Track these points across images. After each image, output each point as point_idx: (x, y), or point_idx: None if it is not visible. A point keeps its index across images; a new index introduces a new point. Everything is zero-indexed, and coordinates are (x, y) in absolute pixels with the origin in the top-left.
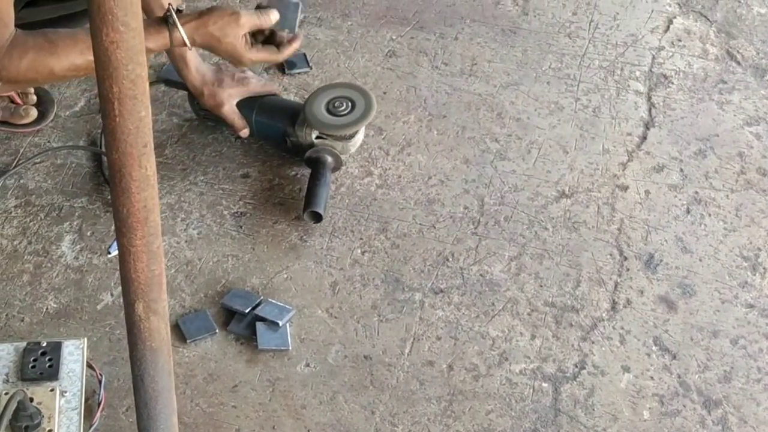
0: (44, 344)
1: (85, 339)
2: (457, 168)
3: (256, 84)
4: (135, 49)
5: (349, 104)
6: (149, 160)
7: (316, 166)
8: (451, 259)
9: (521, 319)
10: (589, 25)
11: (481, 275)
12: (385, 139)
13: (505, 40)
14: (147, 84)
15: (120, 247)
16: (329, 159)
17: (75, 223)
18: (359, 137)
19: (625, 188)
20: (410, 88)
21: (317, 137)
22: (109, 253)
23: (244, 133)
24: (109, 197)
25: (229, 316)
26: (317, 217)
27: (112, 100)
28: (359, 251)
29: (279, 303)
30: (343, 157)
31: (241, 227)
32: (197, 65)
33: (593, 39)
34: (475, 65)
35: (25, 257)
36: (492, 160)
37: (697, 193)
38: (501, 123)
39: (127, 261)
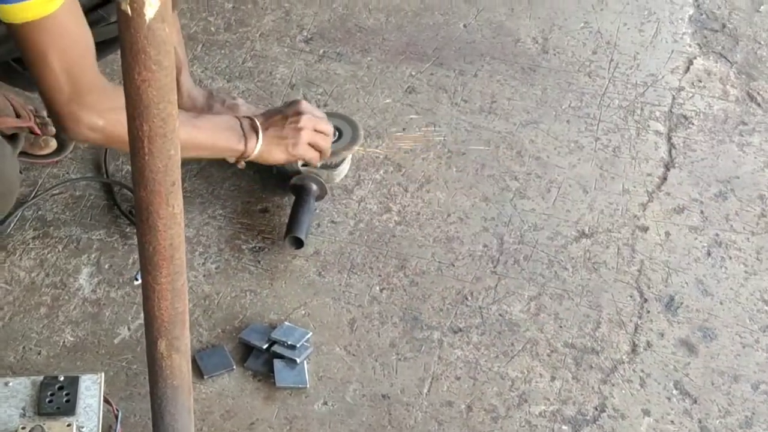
0: (61, 378)
1: (102, 374)
2: (477, 206)
3: (246, 111)
4: (166, 88)
5: (336, 133)
6: (177, 198)
7: (300, 193)
8: (470, 298)
9: (541, 360)
10: (609, 64)
11: (500, 315)
12: (404, 176)
13: (525, 78)
14: (177, 122)
15: (144, 285)
16: (314, 187)
17: (93, 255)
18: (345, 166)
19: (645, 229)
20: (429, 125)
21: (303, 165)
22: (137, 280)
23: None
24: (127, 230)
25: (246, 351)
26: (298, 243)
27: (142, 138)
28: (378, 288)
29: (297, 327)
30: (327, 185)
31: (259, 262)
32: (189, 90)
33: (613, 78)
34: (494, 103)
35: (43, 289)
36: (511, 198)
37: (717, 235)
38: (520, 161)
39: (151, 298)
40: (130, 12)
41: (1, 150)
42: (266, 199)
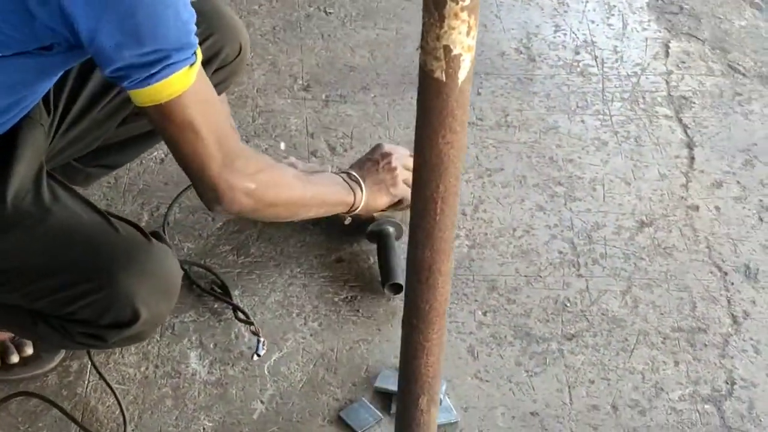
0: None
1: None
2: (536, 216)
3: (303, 167)
4: (463, 148)
5: None
6: (452, 253)
7: (381, 239)
8: (569, 304)
9: (658, 349)
10: (595, 61)
11: (602, 314)
12: None
13: (525, 88)
14: (460, 178)
15: (411, 344)
16: (392, 229)
17: (193, 338)
18: None
19: (696, 208)
20: None
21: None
22: (258, 355)
23: None
24: (215, 306)
25: (385, 399)
26: (398, 288)
27: (436, 200)
28: (480, 312)
29: None
30: (403, 226)
31: (358, 311)
32: None
33: (605, 74)
34: (507, 116)
35: (159, 382)
36: (564, 203)
37: (761, 200)
38: (557, 166)
39: (419, 357)
40: (444, 78)
41: (160, 248)
42: (337, 249)
